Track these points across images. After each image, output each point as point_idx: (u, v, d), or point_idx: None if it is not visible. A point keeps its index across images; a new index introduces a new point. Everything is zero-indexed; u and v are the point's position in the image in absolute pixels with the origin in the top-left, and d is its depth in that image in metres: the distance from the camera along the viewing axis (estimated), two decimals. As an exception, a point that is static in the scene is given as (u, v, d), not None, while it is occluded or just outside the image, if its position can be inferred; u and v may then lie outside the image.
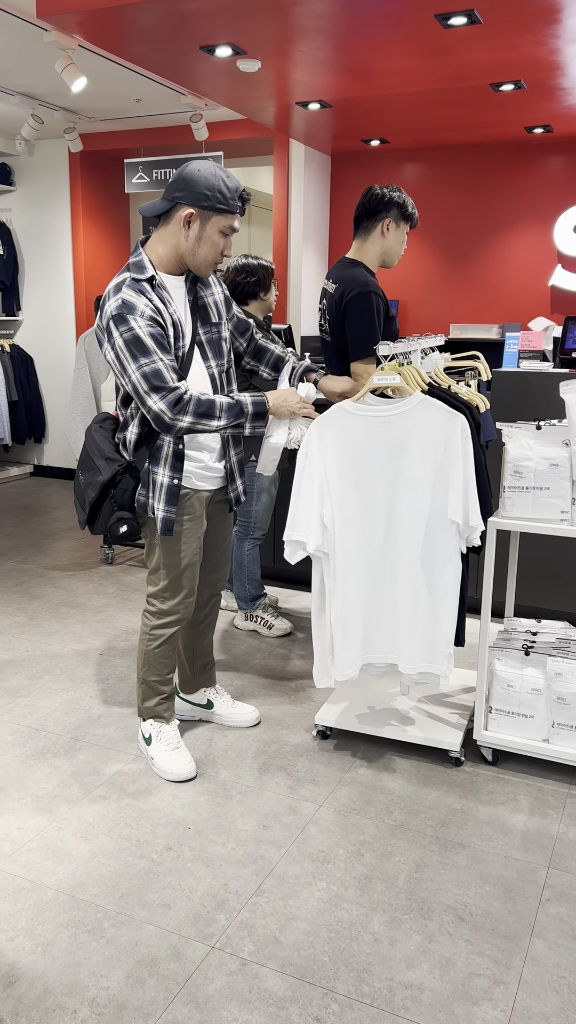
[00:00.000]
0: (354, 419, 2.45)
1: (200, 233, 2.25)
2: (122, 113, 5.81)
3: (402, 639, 2.51)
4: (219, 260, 2.32)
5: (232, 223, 2.26)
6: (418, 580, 2.46)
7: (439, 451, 2.37)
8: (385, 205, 2.92)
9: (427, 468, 2.40)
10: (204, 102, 5.21)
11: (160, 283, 2.29)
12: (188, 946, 1.88)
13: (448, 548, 2.43)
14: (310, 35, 3.75)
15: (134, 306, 2.19)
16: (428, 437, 2.38)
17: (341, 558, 2.51)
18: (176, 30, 3.70)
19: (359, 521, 2.49)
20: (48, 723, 2.86)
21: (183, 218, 2.24)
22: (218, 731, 2.82)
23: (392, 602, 2.51)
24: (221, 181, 2.22)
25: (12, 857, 2.16)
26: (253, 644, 3.57)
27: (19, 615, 3.87)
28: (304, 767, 2.61)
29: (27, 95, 5.38)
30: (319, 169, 6.11)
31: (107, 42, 3.92)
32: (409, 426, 2.40)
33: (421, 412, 2.39)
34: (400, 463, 2.42)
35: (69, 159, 6.52)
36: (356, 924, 1.96)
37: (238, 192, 2.24)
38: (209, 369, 2.38)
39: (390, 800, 2.45)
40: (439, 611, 2.47)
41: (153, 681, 2.58)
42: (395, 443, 2.42)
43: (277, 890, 2.06)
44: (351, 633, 2.53)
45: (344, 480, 2.48)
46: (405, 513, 2.44)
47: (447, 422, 2.36)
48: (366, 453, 2.45)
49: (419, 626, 2.48)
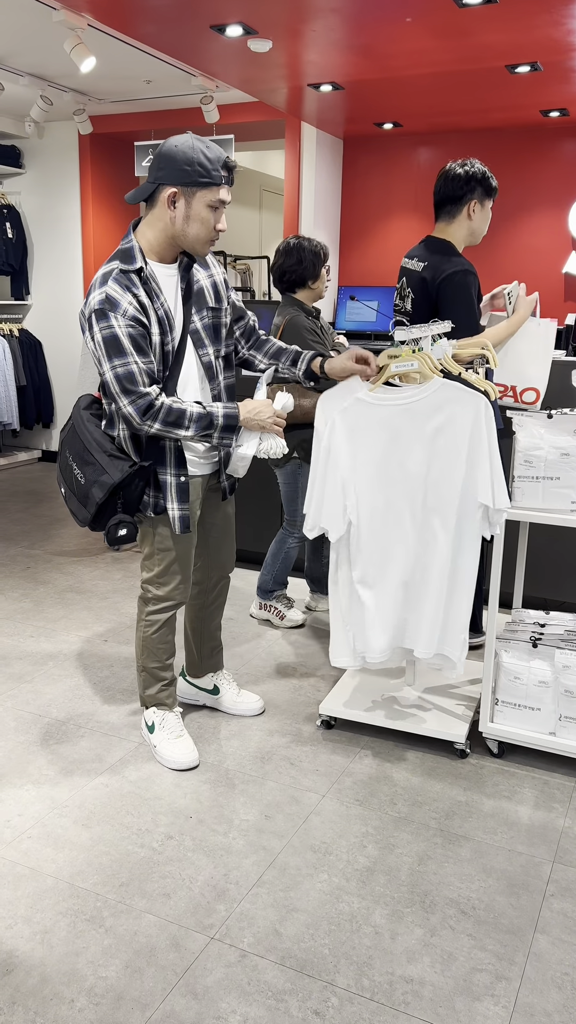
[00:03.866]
0: (375, 409, 2.42)
1: (187, 211, 2.16)
2: (132, 95, 5.74)
3: (424, 623, 2.49)
4: (214, 236, 2.21)
5: (219, 195, 2.15)
6: (445, 565, 2.44)
7: (465, 433, 2.35)
8: (469, 186, 2.83)
9: (454, 452, 2.37)
10: (215, 84, 5.15)
11: (150, 274, 2.21)
12: (187, 936, 1.86)
13: (474, 532, 2.42)
14: (323, 14, 3.69)
15: (117, 303, 2.14)
16: (453, 420, 2.35)
17: (367, 547, 2.50)
18: (186, 8, 3.64)
19: (385, 510, 2.47)
20: (51, 709, 2.84)
21: (167, 198, 2.15)
22: (222, 719, 2.80)
23: (419, 587, 2.49)
24: (200, 153, 2.11)
25: (12, 844, 2.15)
26: (263, 632, 3.54)
27: (25, 601, 3.86)
28: (307, 757, 2.59)
29: (36, 76, 5.32)
30: (331, 153, 6.04)
31: (117, 21, 3.87)
32: (432, 411, 2.37)
33: (443, 396, 2.35)
34: (425, 449, 2.39)
35: (79, 141, 6.46)
36: (357, 917, 1.94)
37: (221, 161, 2.13)
38: (204, 357, 2.33)
39: (394, 792, 2.43)
40: (458, 596, 2.46)
41: (153, 668, 2.56)
42: (419, 429, 2.39)
43: (278, 881, 2.05)
44: (383, 617, 2.51)
45: (368, 470, 2.46)
46: (433, 499, 2.41)
47: (471, 403, 2.34)
48: (389, 442, 2.42)
49: (441, 611, 2.47)
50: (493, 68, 4.28)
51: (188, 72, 5.01)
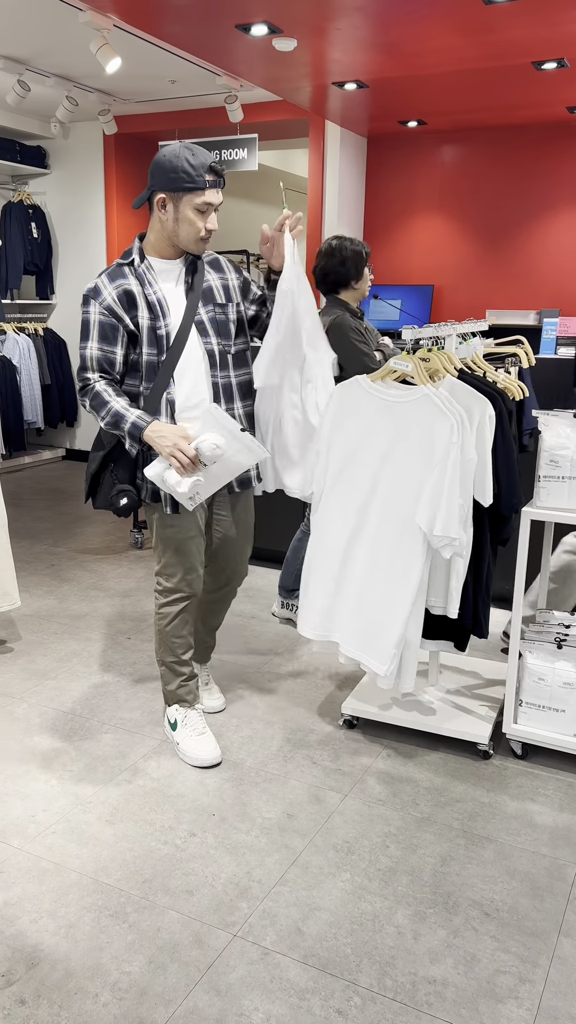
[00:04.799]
0: (366, 397, 2.43)
1: (176, 214, 2.31)
2: (157, 95, 5.76)
3: (347, 619, 2.50)
4: (204, 236, 2.34)
5: (204, 199, 2.28)
6: (377, 569, 2.43)
7: (423, 450, 2.33)
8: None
9: (407, 464, 2.36)
10: (239, 83, 5.16)
11: (147, 266, 2.37)
12: (210, 933, 1.87)
13: (414, 550, 2.37)
14: (348, 13, 3.68)
15: (99, 292, 2.34)
16: (418, 433, 2.34)
17: (323, 519, 2.54)
18: (212, 8, 3.65)
19: (342, 493, 2.49)
20: (75, 706, 2.87)
21: (157, 203, 2.32)
22: (244, 718, 2.81)
23: (351, 581, 2.50)
24: (184, 160, 2.25)
25: (37, 839, 2.17)
26: (285, 631, 3.55)
27: (49, 598, 3.89)
28: (330, 756, 2.59)
29: (62, 77, 5.36)
30: (355, 151, 6.03)
31: (142, 21, 3.88)
32: (406, 418, 2.36)
33: (418, 406, 2.34)
34: (388, 452, 2.39)
35: (103, 141, 6.50)
36: (380, 916, 1.94)
37: (205, 167, 2.26)
38: (208, 345, 2.40)
39: (416, 792, 2.42)
40: (390, 608, 2.41)
41: (171, 662, 2.58)
42: (390, 432, 2.39)
43: (300, 880, 2.05)
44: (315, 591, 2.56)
45: (342, 450, 2.49)
46: (380, 503, 2.41)
47: (436, 422, 2.31)
48: (364, 433, 2.43)
49: (366, 614, 2.45)
50: (519, 65, 4.25)
51: (212, 72, 5.02)
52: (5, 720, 2.76)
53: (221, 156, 5.68)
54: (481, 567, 2.53)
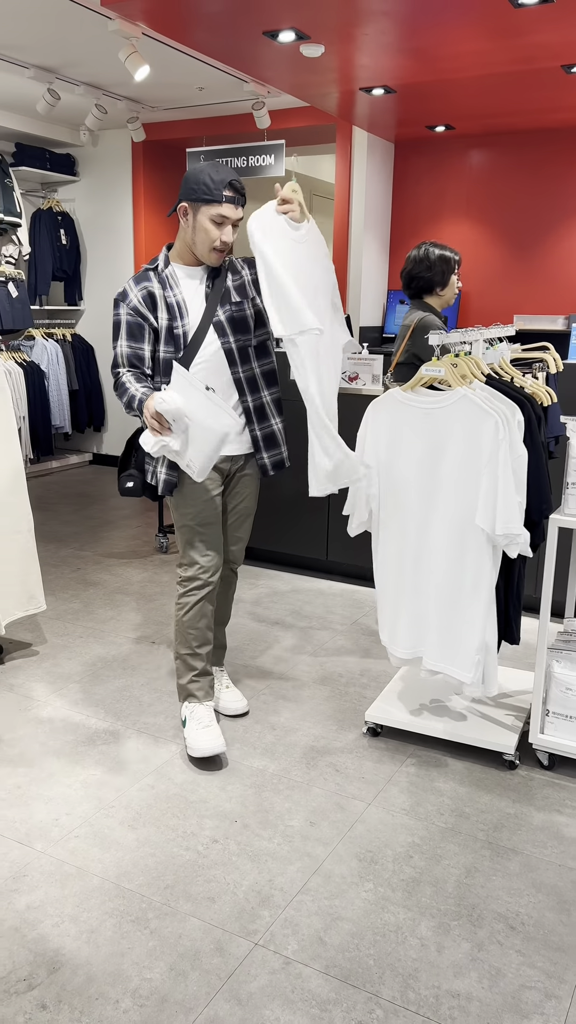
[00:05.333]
0: (402, 408, 2.42)
1: (193, 223, 2.46)
2: (185, 102, 5.80)
3: (430, 634, 2.48)
4: (218, 247, 2.46)
5: (219, 211, 2.41)
6: (448, 579, 2.41)
7: (472, 451, 2.31)
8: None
9: (459, 468, 2.34)
10: (267, 89, 5.17)
11: (170, 272, 2.53)
12: (231, 941, 1.86)
13: (480, 553, 2.35)
14: (375, 18, 3.68)
15: (127, 294, 2.51)
16: (462, 436, 2.32)
17: (383, 541, 2.54)
18: (239, 15, 3.66)
19: (400, 509, 2.48)
20: (99, 710, 2.87)
21: (180, 211, 2.48)
22: (268, 725, 2.80)
23: (425, 596, 2.48)
24: (207, 174, 2.41)
25: (60, 842, 2.17)
26: (310, 636, 3.53)
27: (74, 601, 3.91)
28: (354, 764, 2.57)
29: (91, 85, 5.41)
30: (382, 156, 6.02)
31: (170, 29, 3.91)
32: (447, 422, 2.34)
33: (458, 408, 2.32)
34: (435, 459, 2.37)
35: (132, 149, 6.55)
36: (403, 928, 1.91)
37: (225, 183, 2.39)
38: (225, 344, 2.53)
39: (441, 802, 2.39)
40: (467, 615, 2.40)
41: (184, 655, 2.63)
42: (433, 438, 2.37)
43: (323, 889, 2.03)
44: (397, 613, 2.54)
45: (390, 467, 2.49)
46: (440, 510, 2.40)
47: (480, 422, 2.29)
48: (407, 444, 2.43)
49: (446, 625, 2.44)
50: (548, 68, 4.22)
51: (240, 78, 5.04)
52: (30, 723, 2.77)
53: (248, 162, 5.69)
54: (512, 573, 2.50)
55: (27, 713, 2.84)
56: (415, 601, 2.50)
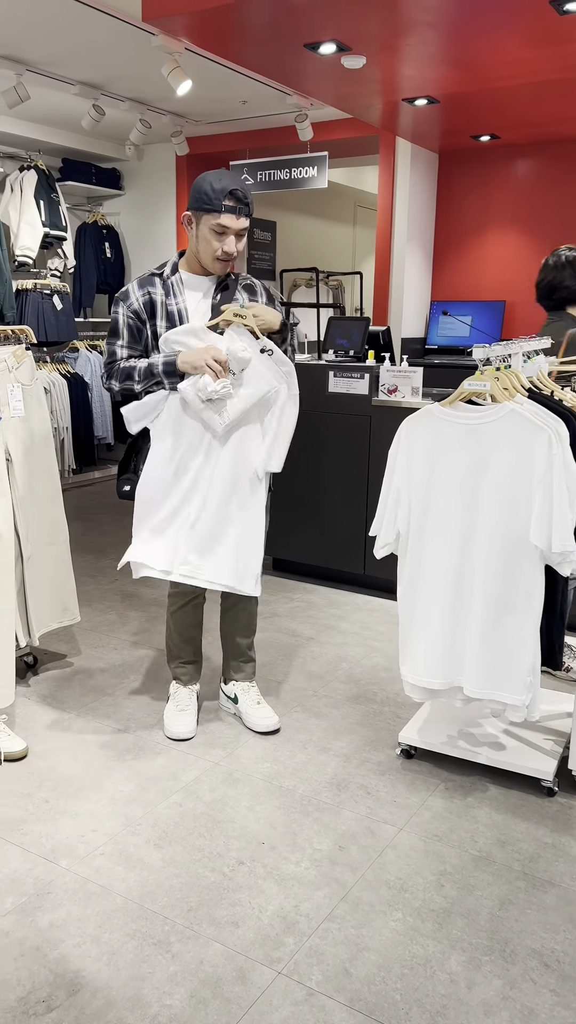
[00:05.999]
0: (442, 424, 2.35)
1: (196, 231, 2.47)
2: (228, 115, 5.83)
3: (470, 659, 2.38)
4: (220, 256, 2.45)
5: (219, 221, 2.40)
6: (494, 600, 2.32)
7: (522, 467, 2.23)
8: None
9: (508, 484, 2.26)
10: (309, 102, 5.17)
11: (177, 278, 2.54)
12: (254, 969, 1.82)
13: (531, 571, 2.27)
14: (418, 28, 3.64)
15: (128, 296, 2.53)
16: (512, 451, 2.24)
17: (412, 563, 2.43)
18: (281, 28, 3.66)
19: (437, 529, 2.39)
20: (130, 723, 2.86)
21: (184, 220, 2.51)
22: (299, 744, 2.75)
23: (464, 619, 2.38)
24: (208, 184, 2.40)
25: (85, 860, 2.15)
26: (345, 655, 3.48)
27: (110, 613, 3.91)
28: (385, 787, 2.51)
29: (136, 100, 5.47)
30: (426, 167, 5.97)
31: (212, 43, 3.92)
32: (494, 437, 2.27)
33: (507, 423, 2.25)
34: (482, 475, 2.30)
35: (176, 162, 6.61)
36: (432, 961, 1.85)
37: (225, 192, 2.38)
38: None
39: (475, 829, 2.32)
40: (517, 635, 2.32)
41: (172, 644, 2.85)
42: (479, 454, 2.30)
43: (350, 917, 1.98)
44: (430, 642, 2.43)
45: (426, 485, 2.39)
46: (485, 528, 2.31)
47: (532, 437, 2.21)
48: (449, 461, 2.34)
49: (491, 649, 2.34)
50: (596, 75, 4.14)
51: (283, 91, 5.04)
52: (61, 736, 2.77)
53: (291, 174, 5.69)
54: (556, 594, 2.42)
55: (59, 725, 2.84)
56: (453, 625, 2.41)
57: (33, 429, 3.00)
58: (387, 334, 4.58)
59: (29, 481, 2.99)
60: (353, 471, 4.07)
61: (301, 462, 4.21)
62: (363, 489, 4.05)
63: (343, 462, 4.10)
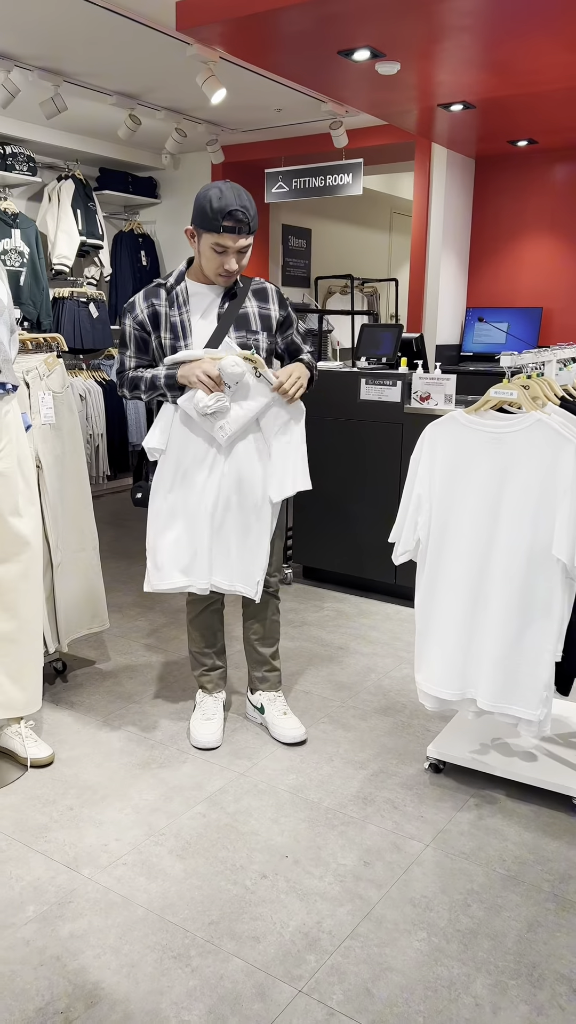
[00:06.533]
0: (466, 432, 2.30)
1: (198, 247, 2.47)
2: (263, 123, 5.84)
3: (485, 672, 2.33)
4: (222, 272, 2.46)
5: (217, 240, 2.39)
6: (512, 612, 2.27)
7: (547, 479, 2.18)
8: None
9: (531, 495, 2.21)
10: (344, 109, 5.15)
11: (183, 288, 2.53)
12: (274, 986, 1.79)
13: (552, 584, 2.22)
14: (453, 33, 3.61)
15: (134, 308, 2.56)
16: (536, 462, 2.19)
17: (431, 571, 2.40)
18: (314, 35, 3.65)
19: (457, 538, 2.34)
20: (156, 732, 2.85)
21: (187, 233, 2.50)
22: (325, 756, 2.72)
23: (481, 630, 2.33)
24: (208, 202, 2.37)
25: (107, 869, 2.14)
26: (374, 665, 3.44)
27: (141, 620, 3.92)
28: (412, 802, 2.46)
29: (171, 109, 5.50)
30: (462, 173, 5.92)
31: (247, 52, 3.93)
32: (519, 447, 2.22)
33: (533, 433, 2.20)
34: (504, 485, 2.25)
35: (212, 171, 6.63)
36: (456, 984, 1.80)
37: (223, 212, 2.35)
38: None
39: (504, 847, 2.26)
40: (534, 649, 2.26)
41: (195, 652, 2.87)
42: (502, 463, 2.25)
43: (373, 935, 1.94)
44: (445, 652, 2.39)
45: (447, 493, 2.35)
46: (505, 539, 2.26)
47: (557, 448, 2.16)
48: (472, 469, 2.29)
49: (507, 661, 2.29)
50: None
51: (318, 99, 5.04)
52: (87, 743, 2.77)
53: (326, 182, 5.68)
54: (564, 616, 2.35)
55: (85, 732, 2.84)
56: (469, 636, 2.36)
57: (64, 436, 3.02)
58: (420, 341, 4.54)
59: (60, 488, 3.01)
60: (385, 479, 4.04)
61: (332, 470, 4.18)
62: (395, 497, 4.01)
63: (375, 470, 4.06)
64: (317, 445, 4.20)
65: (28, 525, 2.51)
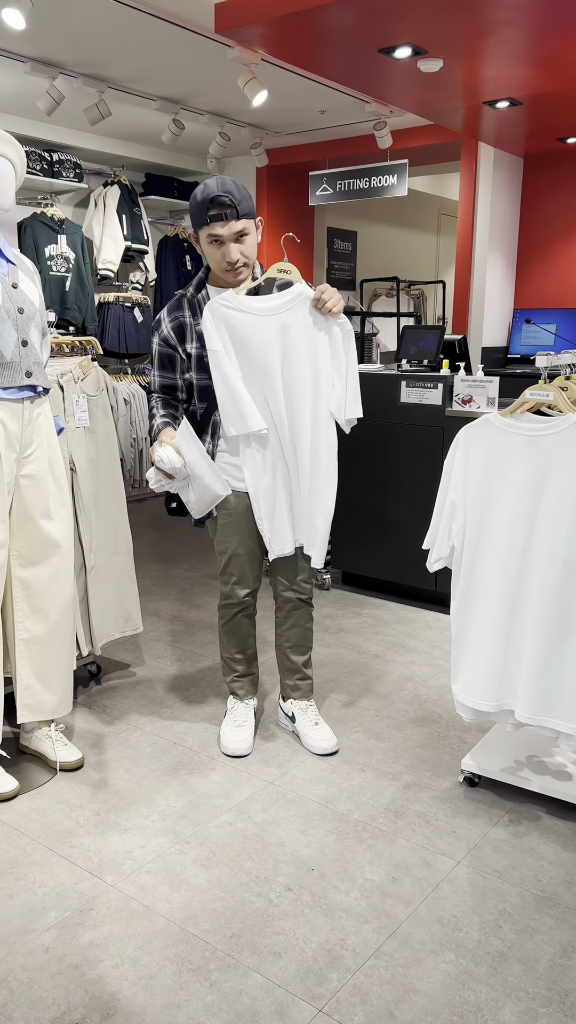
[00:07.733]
0: (501, 435, 2.23)
1: (201, 248, 2.44)
2: (307, 126, 5.81)
3: (523, 683, 2.24)
4: (227, 267, 2.41)
5: (209, 231, 2.35)
6: (550, 622, 2.18)
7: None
8: None
9: (570, 499, 2.12)
10: (389, 109, 5.09)
11: (202, 296, 2.50)
12: (294, 1005, 1.74)
13: None
14: (497, 27, 3.53)
15: (160, 324, 2.53)
16: (574, 465, 2.10)
17: (466, 579, 2.32)
18: (354, 33, 3.60)
19: (492, 545, 2.26)
20: (186, 738, 2.82)
21: (192, 240, 2.48)
22: (356, 767, 2.66)
23: (519, 640, 2.25)
24: (194, 199, 2.35)
25: (131, 877, 2.12)
26: (411, 674, 3.37)
27: (177, 623, 3.91)
28: (445, 816, 2.39)
29: (215, 114, 5.50)
30: (509, 172, 5.80)
31: (287, 53, 3.90)
32: (557, 450, 2.13)
33: (571, 436, 2.11)
34: (541, 490, 2.16)
35: (256, 174, 6.63)
36: (484, 1010, 1.73)
37: (207, 200, 2.31)
38: None
39: (539, 866, 2.18)
40: (574, 660, 2.17)
41: (226, 657, 2.83)
42: (539, 467, 2.16)
43: (399, 954, 1.87)
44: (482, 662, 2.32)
45: (481, 498, 2.27)
46: (542, 546, 2.18)
47: None
48: (507, 473, 2.22)
49: (546, 673, 2.20)
50: None
51: (361, 99, 4.99)
52: (117, 747, 2.76)
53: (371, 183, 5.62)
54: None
55: (116, 736, 2.83)
56: (507, 645, 2.29)
57: (98, 440, 3.02)
58: (463, 343, 4.45)
59: (94, 491, 3.00)
60: (425, 484, 3.96)
61: (371, 473, 4.12)
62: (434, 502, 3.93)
63: (415, 474, 3.99)
64: (356, 448, 4.14)
65: (59, 528, 2.51)
